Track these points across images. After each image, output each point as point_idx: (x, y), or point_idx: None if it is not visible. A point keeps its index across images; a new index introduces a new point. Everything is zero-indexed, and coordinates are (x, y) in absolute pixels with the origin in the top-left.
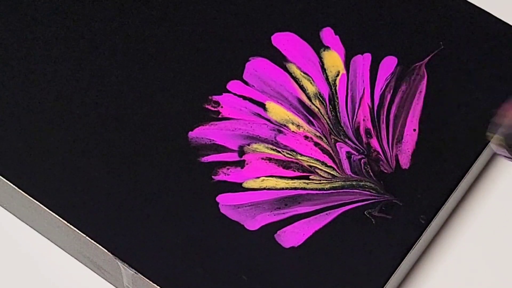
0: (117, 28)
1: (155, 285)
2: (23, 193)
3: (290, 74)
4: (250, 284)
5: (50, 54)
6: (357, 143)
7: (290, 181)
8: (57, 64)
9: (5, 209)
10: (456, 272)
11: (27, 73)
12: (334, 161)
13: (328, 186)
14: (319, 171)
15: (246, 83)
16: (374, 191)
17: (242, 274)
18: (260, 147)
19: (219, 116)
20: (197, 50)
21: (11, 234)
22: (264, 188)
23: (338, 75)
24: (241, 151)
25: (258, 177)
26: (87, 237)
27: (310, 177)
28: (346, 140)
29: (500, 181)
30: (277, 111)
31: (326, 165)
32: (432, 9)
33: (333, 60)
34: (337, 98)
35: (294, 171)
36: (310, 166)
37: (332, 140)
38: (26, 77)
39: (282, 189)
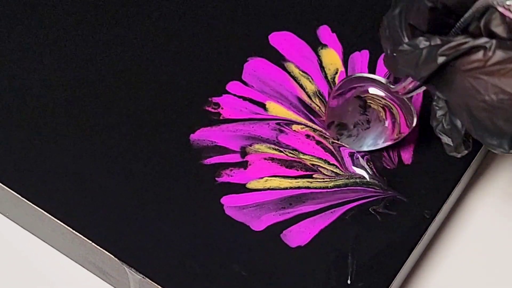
0: (115, 32)
1: None
2: (26, 201)
3: (288, 73)
4: (259, 285)
5: (50, 58)
6: None
7: (293, 181)
8: (57, 69)
9: (8, 218)
10: (460, 266)
11: (30, 81)
12: (336, 159)
13: (331, 184)
14: (322, 170)
15: (245, 83)
16: (377, 188)
17: (250, 275)
18: (262, 147)
19: (220, 118)
20: (195, 52)
21: (15, 244)
22: (268, 188)
23: (336, 72)
24: (243, 152)
25: (262, 178)
26: (93, 243)
27: (314, 175)
28: None
29: (500, 174)
30: (277, 110)
31: (329, 163)
32: None
33: (331, 58)
34: None
35: (297, 170)
36: (313, 164)
37: (335, 145)
38: (32, 88)
39: (286, 188)
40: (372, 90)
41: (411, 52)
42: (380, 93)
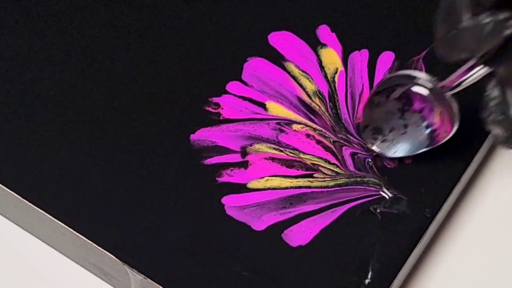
0: (114, 33)
1: None
2: (27, 202)
3: (288, 73)
4: (260, 285)
5: (49, 58)
6: (359, 138)
7: (294, 180)
8: (57, 69)
9: (9, 219)
10: (460, 266)
11: (30, 82)
12: (337, 158)
13: (332, 183)
14: (322, 169)
15: (245, 83)
16: (378, 187)
17: (251, 275)
18: (263, 147)
19: (220, 118)
20: (195, 52)
21: (15, 245)
22: (269, 188)
23: (336, 72)
24: (244, 152)
25: (262, 177)
26: (93, 244)
27: (314, 175)
28: (349, 136)
29: (501, 173)
30: (277, 110)
31: (330, 163)
32: (427, 3)
33: (331, 57)
34: (336, 95)
35: (298, 169)
36: (314, 164)
37: (337, 144)
38: (31, 88)
39: (287, 188)
40: (416, 88)
41: (475, 27)
42: (424, 91)
